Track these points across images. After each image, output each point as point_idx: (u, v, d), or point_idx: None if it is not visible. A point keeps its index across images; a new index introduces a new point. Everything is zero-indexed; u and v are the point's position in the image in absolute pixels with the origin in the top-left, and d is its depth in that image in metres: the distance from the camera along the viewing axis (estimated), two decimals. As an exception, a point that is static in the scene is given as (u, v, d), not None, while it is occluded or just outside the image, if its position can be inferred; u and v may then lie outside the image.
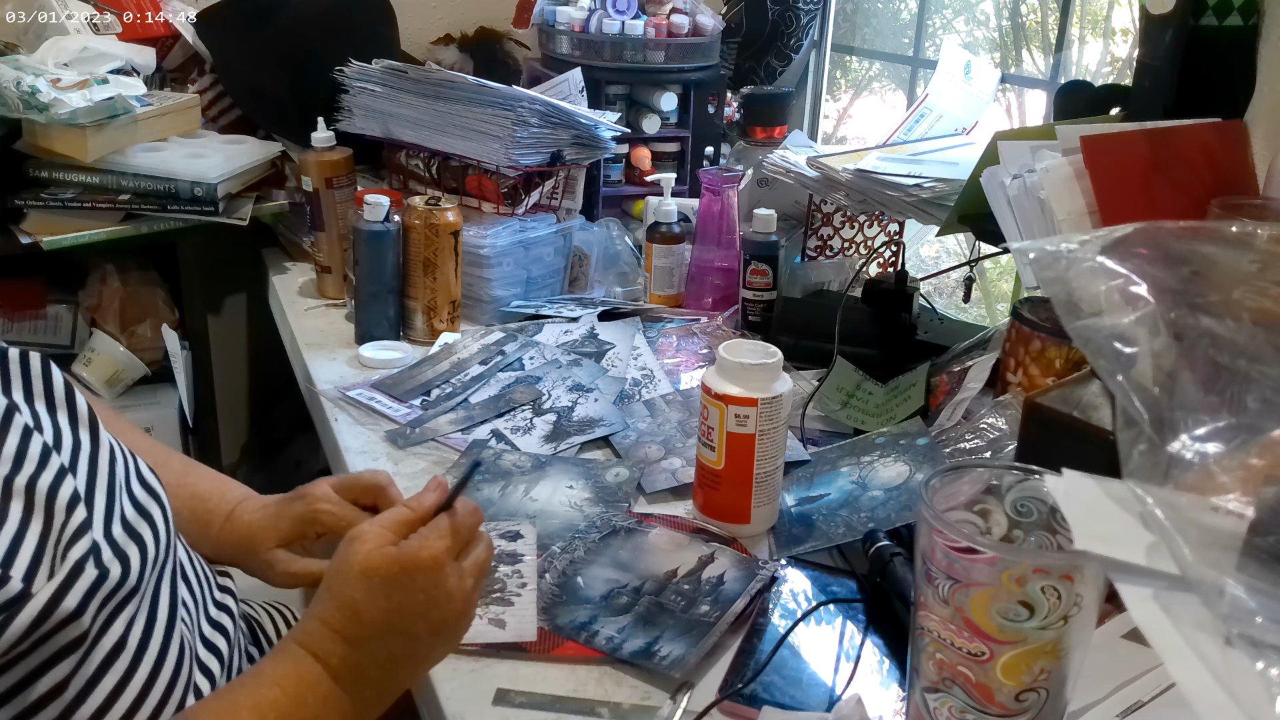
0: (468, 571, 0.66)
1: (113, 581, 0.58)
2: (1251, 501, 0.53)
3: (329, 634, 0.62)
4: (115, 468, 0.66)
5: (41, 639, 0.54)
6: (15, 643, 0.52)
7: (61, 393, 0.65)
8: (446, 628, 0.65)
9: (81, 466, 0.62)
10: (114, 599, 0.58)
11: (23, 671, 0.54)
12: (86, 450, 0.64)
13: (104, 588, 0.57)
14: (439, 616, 0.64)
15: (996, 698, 0.58)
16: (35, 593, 0.53)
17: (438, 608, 0.63)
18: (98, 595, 0.56)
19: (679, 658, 0.76)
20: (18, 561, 0.53)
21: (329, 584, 0.64)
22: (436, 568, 0.63)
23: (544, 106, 1.37)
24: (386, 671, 0.63)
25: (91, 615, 0.56)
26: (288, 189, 1.61)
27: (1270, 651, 0.48)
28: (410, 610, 0.63)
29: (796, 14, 1.87)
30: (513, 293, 1.43)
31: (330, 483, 0.86)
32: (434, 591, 0.63)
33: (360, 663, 0.62)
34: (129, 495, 0.65)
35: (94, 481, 0.62)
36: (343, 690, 0.62)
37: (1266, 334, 0.58)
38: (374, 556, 0.63)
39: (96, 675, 0.58)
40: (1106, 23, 1.88)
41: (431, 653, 0.66)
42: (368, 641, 0.62)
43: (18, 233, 1.40)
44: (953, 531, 0.57)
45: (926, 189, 1.24)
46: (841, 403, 1.15)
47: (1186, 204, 0.98)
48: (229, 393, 1.93)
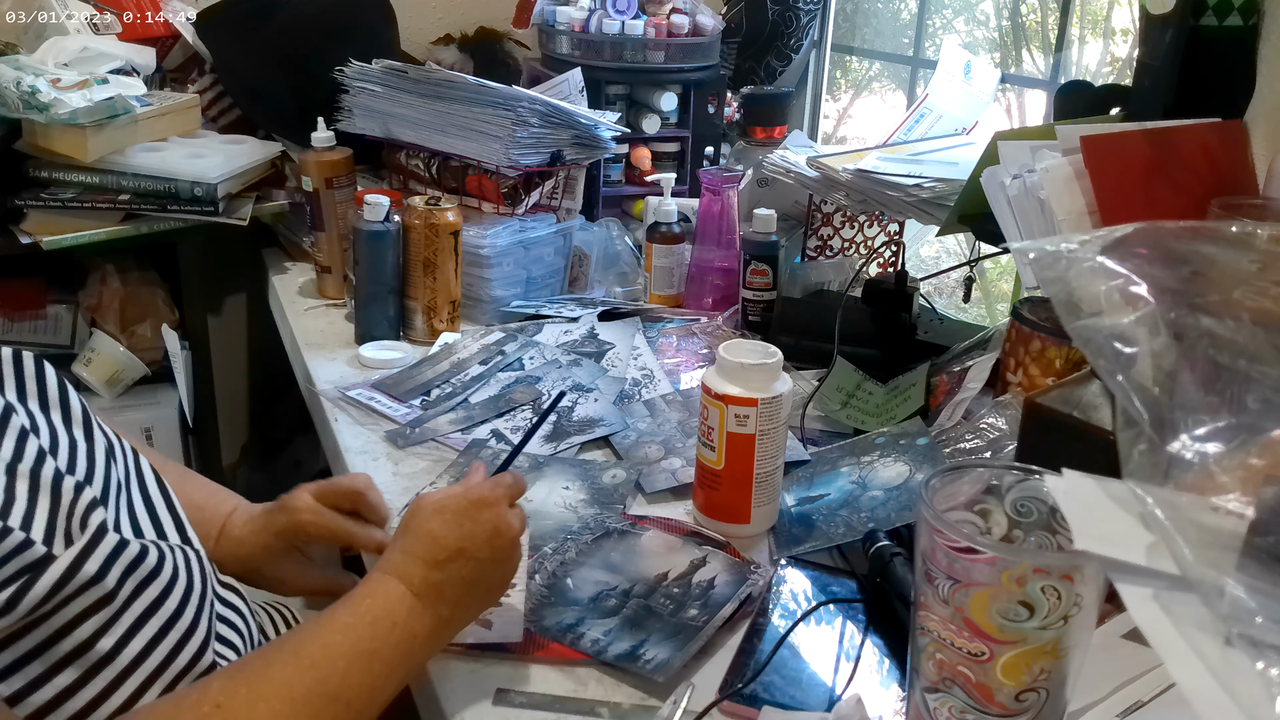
0: (517, 515, 0.76)
1: (133, 553, 0.61)
2: (1251, 501, 0.53)
3: (411, 559, 0.71)
4: (113, 467, 0.67)
5: (65, 600, 0.58)
6: (39, 604, 0.56)
7: (55, 392, 0.68)
8: (505, 555, 0.74)
9: (79, 465, 0.65)
10: (138, 569, 0.62)
11: (48, 631, 0.58)
12: (83, 449, 0.66)
13: (124, 555, 0.61)
14: (500, 544, 0.73)
15: (996, 698, 0.58)
16: (57, 555, 0.57)
17: (500, 535, 0.73)
18: (119, 561, 0.60)
19: (664, 661, 0.76)
20: (34, 526, 0.57)
21: (407, 524, 0.73)
22: (497, 503, 0.74)
23: (544, 106, 1.37)
24: (459, 592, 0.72)
25: (116, 579, 0.60)
26: (288, 189, 1.61)
27: (1270, 651, 0.48)
28: (479, 537, 0.72)
29: (796, 14, 1.87)
30: (513, 293, 1.43)
31: (310, 490, 0.87)
32: (497, 522, 0.73)
33: (438, 582, 0.70)
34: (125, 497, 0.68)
35: (91, 479, 0.65)
36: (424, 606, 0.70)
37: (1266, 334, 0.58)
38: (444, 498, 0.74)
39: (127, 636, 0.61)
40: (1106, 23, 1.88)
41: (493, 579, 0.74)
42: (445, 564, 0.71)
43: (18, 233, 1.40)
44: (953, 531, 0.57)
45: (926, 189, 1.24)
46: (841, 403, 1.15)
47: (1186, 204, 0.98)
48: (229, 393, 1.93)
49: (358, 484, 0.87)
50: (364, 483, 0.88)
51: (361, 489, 0.87)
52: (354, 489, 0.87)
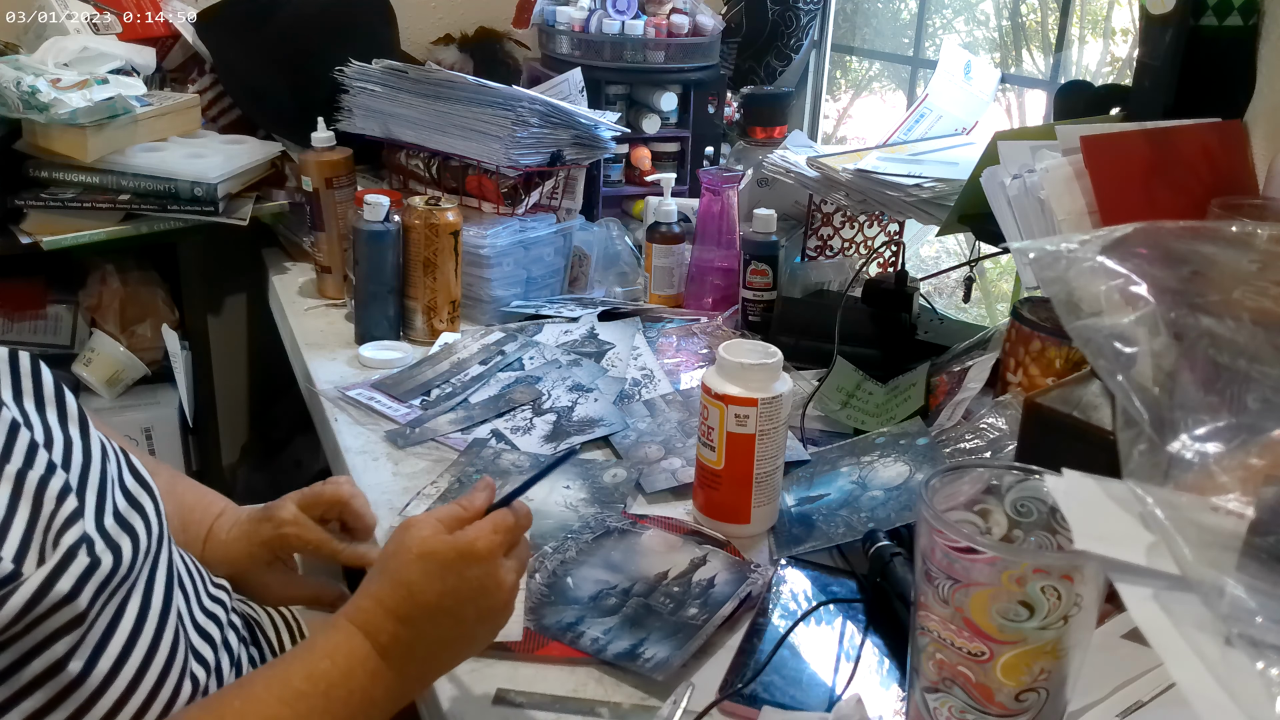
0: (513, 567, 0.68)
1: (105, 569, 0.58)
2: (1251, 501, 0.53)
3: (382, 612, 0.64)
4: (107, 464, 0.66)
5: (36, 620, 0.55)
6: (9, 624, 0.53)
7: (51, 391, 0.66)
8: (492, 615, 0.67)
9: (74, 462, 0.63)
10: (109, 585, 0.59)
11: (18, 653, 0.55)
12: (78, 447, 0.64)
13: (97, 574, 0.58)
14: (488, 604, 0.66)
15: (996, 698, 0.58)
16: (25, 575, 0.53)
17: (488, 595, 0.66)
18: (92, 580, 0.57)
19: (663, 660, 0.76)
20: (7, 543, 0.54)
21: (384, 565, 0.66)
22: (491, 557, 0.66)
23: (544, 106, 1.37)
24: (433, 652, 0.65)
25: (88, 598, 0.57)
26: (288, 189, 1.61)
27: (1270, 651, 0.48)
28: (463, 595, 0.65)
29: (796, 14, 1.87)
30: (513, 293, 1.43)
31: (295, 500, 0.85)
32: (486, 580, 0.65)
33: (409, 641, 0.64)
34: (121, 488, 0.66)
35: (86, 477, 0.63)
36: (389, 667, 0.64)
37: (1266, 334, 0.58)
38: (431, 542, 0.65)
39: (94, 655, 0.58)
40: (1106, 23, 1.88)
41: (475, 639, 0.68)
42: (419, 621, 0.64)
43: (18, 233, 1.40)
44: (953, 531, 0.57)
45: (926, 189, 1.24)
46: (841, 403, 1.15)
47: (1186, 204, 0.98)
48: (229, 393, 1.93)
49: (341, 492, 0.85)
50: (347, 491, 0.85)
51: (345, 497, 0.84)
52: (337, 498, 0.84)
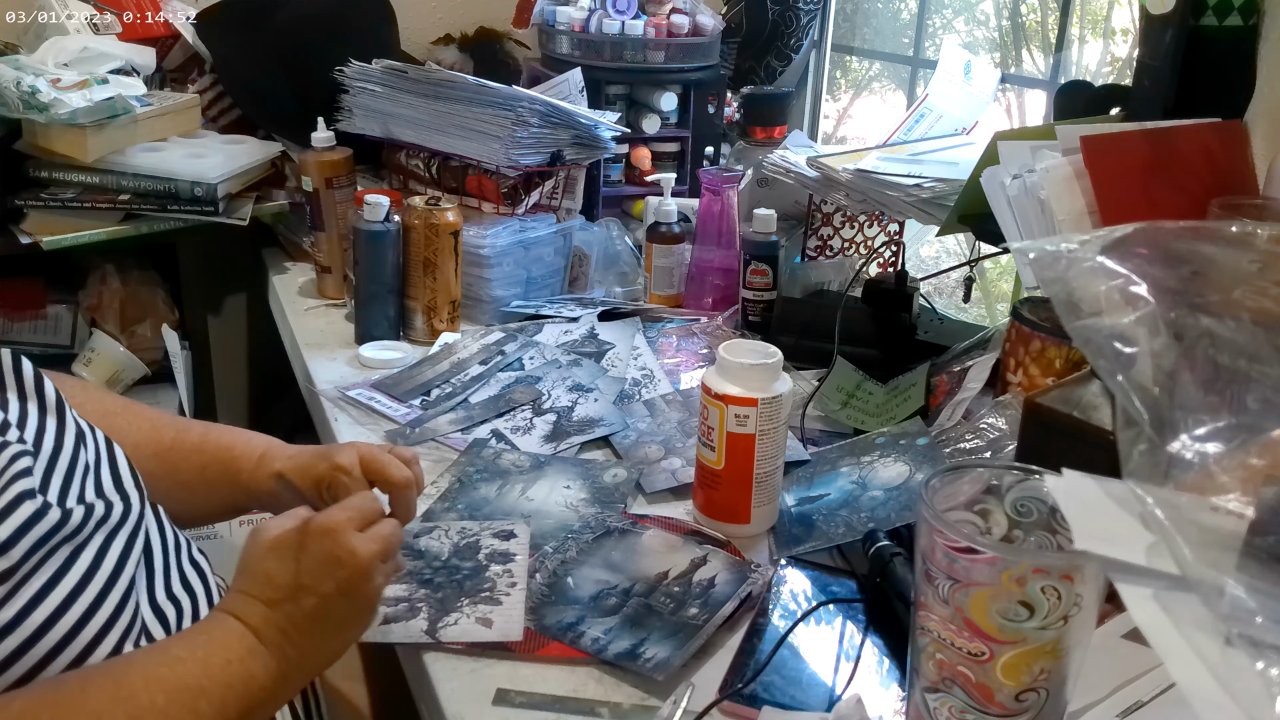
0: (368, 538, 0.71)
1: (49, 524, 0.61)
2: (1251, 501, 0.53)
3: (247, 599, 0.68)
4: (82, 450, 0.70)
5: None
6: None
7: (31, 383, 0.70)
8: (352, 586, 0.69)
9: (46, 443, 0.67)
10: (50, 541, 0.62)
11: None
12: (51, 429, 0.69)
13: (39, 527, 0.60)
14: (344, 575, 0.69)
15: (996, 698, 0.58)
16: None
17: (341, 565, 0.69)
18: (31, 532, 0.60)
19: (664, 660, 0.76)
20: None
21: (242, 566, 0.70)
22: (335, 531, 0.70)
23: (544, 106, 1.37)
24: (304, 631, 0.68)
25: (23, 552, 0.59)
26: (288, 189, 1.61)
27: (1270, 651, 0.48)
28: (315, 571, 0.69)
29: (796, 14, 1.87)
30: (513, 293, 1.43)
31: (361, 453, 0.83)
32: (335, 549, 0.69)
33: (279, 621, 0.68)
34: (93, 476, 0.70)
35: (57, 457, 0.68)
36: (265, 646, 0.67)
37: (1266, 334, 0.58)
38: (277, 531, 0.70)
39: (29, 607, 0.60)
40: (1106, 23, 1.88)
41: (343, 612, 0.70)
42: (282, 603, 0.68)
43: (18, 233, 1.40)
44: (953, 531, 0.57)
45: (926, 189, 1.24)
46: (841, 403, 1.15)
47: (1186, 204, 0.98)
48: (229, 393, 1.93)
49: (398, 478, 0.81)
50: (403, 480, 0.81)
51: (400, 485, 0.81)
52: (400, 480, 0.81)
